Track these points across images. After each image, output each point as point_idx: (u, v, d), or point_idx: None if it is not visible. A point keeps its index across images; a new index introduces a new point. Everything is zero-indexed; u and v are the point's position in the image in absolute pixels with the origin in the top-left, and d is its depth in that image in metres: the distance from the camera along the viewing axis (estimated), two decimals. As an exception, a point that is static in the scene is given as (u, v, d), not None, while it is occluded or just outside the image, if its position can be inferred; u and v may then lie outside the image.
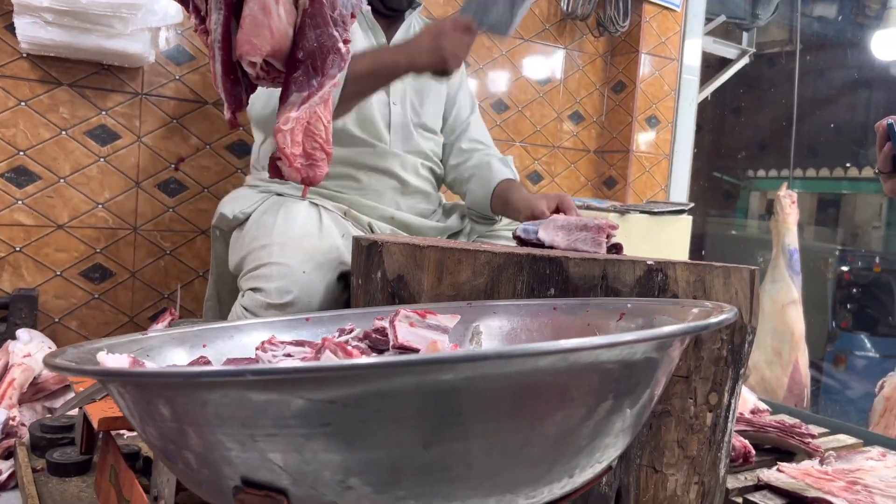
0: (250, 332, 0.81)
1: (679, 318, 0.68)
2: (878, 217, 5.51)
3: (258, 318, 1.31)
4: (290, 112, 0.74)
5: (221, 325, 0.81)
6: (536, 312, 0.84)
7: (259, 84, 0.79)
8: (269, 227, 1.40)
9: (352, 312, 0.89)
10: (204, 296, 1.91)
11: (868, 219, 5.53)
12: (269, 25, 0.72)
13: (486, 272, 1.05)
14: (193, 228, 1.89)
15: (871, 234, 5.49)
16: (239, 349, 0.78)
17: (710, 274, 1.03)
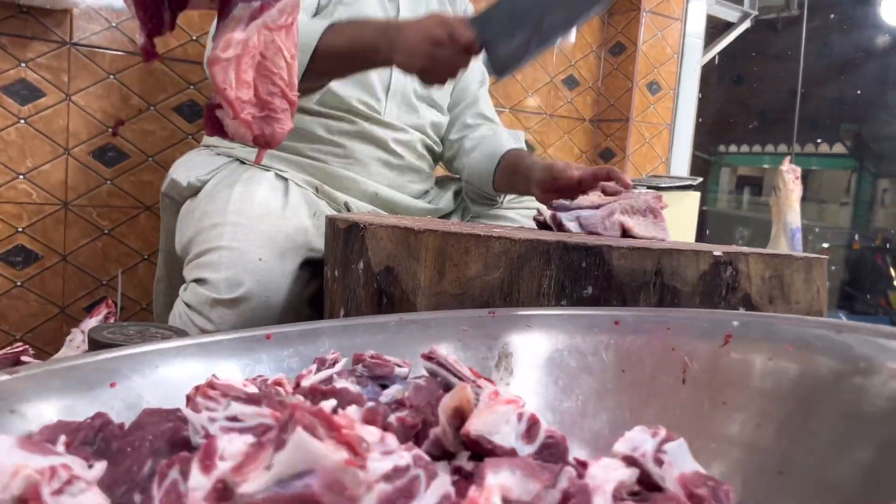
0: (183, 360, 0.56)
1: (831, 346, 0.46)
2: (846, 193, 5.42)
3: (203, 317, 1.05)
4: (232, 32, 0.49)
5: (141, 349, 0.56)
6: (590, 327, 0.60)
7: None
8: (222, 202, 1.14)
9: (329, 325, 0.64)
10: (149, 282, 1.65)
11: (836, 195, 5.44)
12: None
13: (503, 265, 0.82)
14: (136, 204, 1.62)
15: (840, 211, 5.41)
16: (163, 390, 0.53)
17: (788, 268, 0.80)
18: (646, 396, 0.54)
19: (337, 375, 0.51)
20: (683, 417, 0.51)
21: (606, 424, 0.55)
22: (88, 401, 0.49)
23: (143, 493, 0.38)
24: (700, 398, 0.51)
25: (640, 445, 0.45)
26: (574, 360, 0.59)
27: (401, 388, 0.50)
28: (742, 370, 0.50)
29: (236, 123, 0.55)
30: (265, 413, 0.39)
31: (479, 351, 0.63)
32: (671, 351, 0.55)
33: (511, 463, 0.41)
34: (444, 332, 0.64)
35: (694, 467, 0.44)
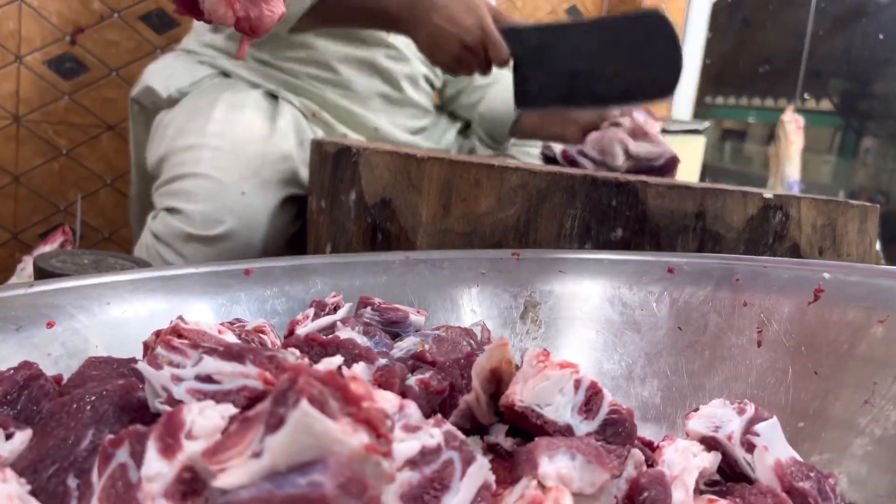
0: (143, 297, 0.46)
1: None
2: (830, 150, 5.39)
3: (174, 252, 0.93)
4: None
5: (89, 281, 0.45)
6: (638, 275, 0.51)
7: None
8: (201, 121, 1.01)
9: (321, 262, 0.54)
10: (112, 209, 1.52)
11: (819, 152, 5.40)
12: None
13: (520, 200, 0.71)
14: (97, 122, 1.47)
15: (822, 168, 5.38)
16: (116, 334, 0.42)
17: (843, 216, 0.71)
18: (709, 360, 0.45)
19: (340, 323, 0.40)
20: (759, 388, 0.42)
21: (658, 392, 0.46)
22: (16, 345, 0.38)
23: (80, 476, 0.28)
24: (782, 365, 0.42)
25: (723, 424, 0.36)
26: (618, 314, 0.50)
27: (419, 341, 0.40)
28: (840, 333, 0.40)
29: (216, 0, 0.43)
30: (250, 373, 0.29)
31: (502, 299, 0.53)
32: (743, 307, 0.45)
33: (569, 445, 0.32)
34: (459, 276, 0.54)
35: (790, 454, 0.35)
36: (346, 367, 0.36)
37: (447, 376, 0.36)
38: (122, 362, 0.36)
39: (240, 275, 0.51)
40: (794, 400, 0.40)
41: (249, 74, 1.12)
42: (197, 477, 0.25)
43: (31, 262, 1.26)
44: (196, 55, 1.16)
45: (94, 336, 0.42)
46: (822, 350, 0.40)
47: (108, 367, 0.35)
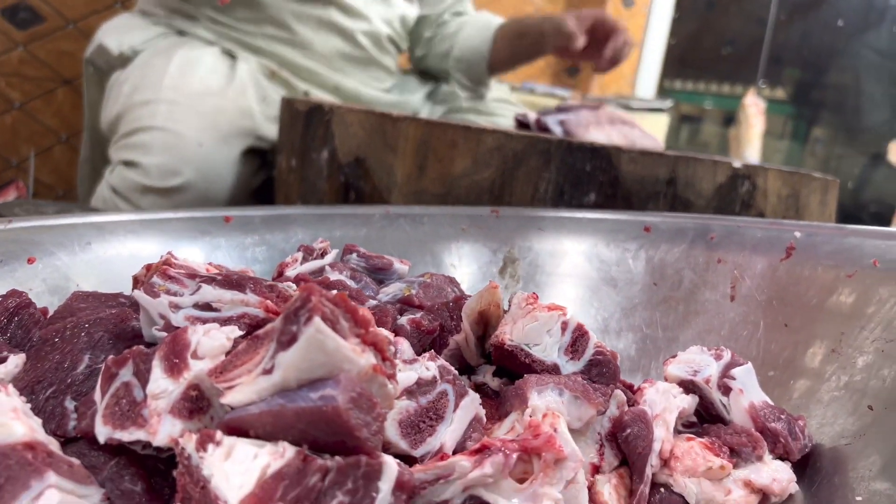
0: (123, 238, 0.45)
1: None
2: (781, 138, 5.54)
3: (131, 205, 0.92)
4: None
5: (71, 220, 0.44)
6: (615, 232, 0.52)
7: None
8: (156, 76, 0.99)
9: (300, 212, 0.54)
10: (67, 166, 1.47)
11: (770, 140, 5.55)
12: None
13: (495, 163, 0.72)
14: (52, 76, 1.42)
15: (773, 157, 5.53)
16: (98, 273, 0.42)
17: (806, 187, 0.74)
18: (683, 315, 0.47)
19: (329, 267, 0.40)
20: (732, 340, 0.44)
21: (633, 345, 0.47)
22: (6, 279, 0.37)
23: (77, 398, 0.28)
24: (754, 319, 0.43)
25: (701, 369, 0.37)
26: (595, 270, 0.51)
27: (405, 286, 0.41)
28: (809, 288, 0.42)
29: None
30: (251, 300, 0.29)
31: (482, 254, 0.53)
32: (717, 263, 0.47)
33: (557, 381, 0.33)
34: (440, 231, 0.54)
35: (763, 397, 0.37)
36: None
37: (437, 317, 0.37)
38: (109, 297, 0.36)
39: (220, 221, 0.50)
40: (765, 351, 0.42)
41: (205, 33, 1.10)
42: (203, 395, 0.25)
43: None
44: (151, 16, 1.13)
45: (74, 274, 0.41)
46: (793, 304, 0.42)
47: (96, 301, 0.35)
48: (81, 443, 0.26)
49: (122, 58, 1.08)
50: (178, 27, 1.11)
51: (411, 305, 0.39)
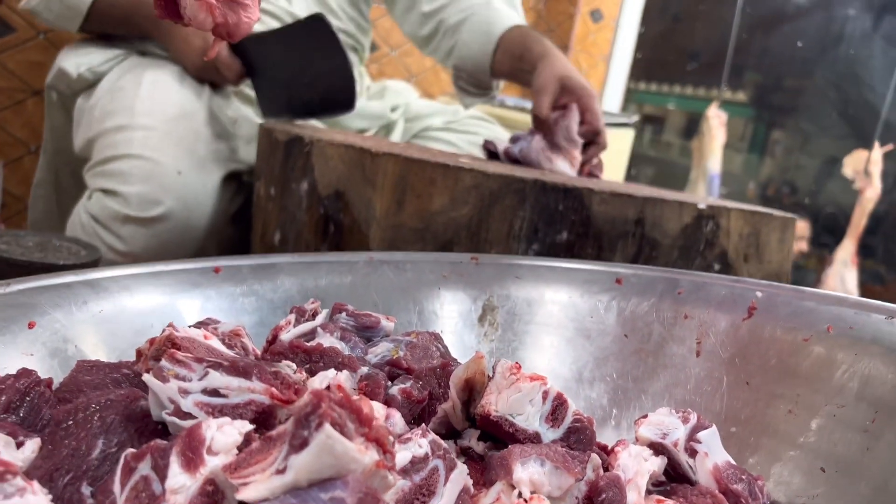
0: (117, 295, 0.46)
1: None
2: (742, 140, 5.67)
3: (112, 233, 0.92)
4: None
5: (64, 279, 0.45)
6: (588, 283, 0.55)
7: None
8: (127, 100, 0.99)
9: (287, 261, 0.55)
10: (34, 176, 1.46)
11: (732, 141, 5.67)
12: None
13: (472, 200, 0.74)
14: (22, 86, 1.40)
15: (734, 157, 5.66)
16: (105, 331, 0.43)
17: (766, 226, 0.78)
18: (652, 367, 0.50)
19: (320, 329, 0.42)
20: (697, 395, 0.47)
21: (605, 394, 0.50)
22: (9, 347, 0.38)
23: (93, 483, 0.29)
24: (718, 375, 0.47)
25: (670, 431, 0.40)
26: (570, 320, 0.54)
27: (392, 347, 0.43)
28: (769, 348, 0.45)
29: (197, 6, 0.44)
30: (256, 388, 0.31)
31: (462, 302, 0.56)
32: (684, 318, 0.50)
33: (539, 452, 0.35)
34: (422, 278, 0.56)
35: (726, 458, 0.40)
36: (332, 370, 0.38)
37: (426, 385, 0.39)
38: (112, 367, 0.37)
39: (209, 272, 0.52)
40: (727, 407, 0.45)
41: (164, 52, 1.10)
42: (218, 489, 0.27)
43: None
44: (110, 38, 1.13)
45: (73, 335, 0.42)
46: (754, 363, 0.45)
47: (101, 373, 0.36)
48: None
49: (81, 80, 1.08)
50: (139, 48, 1.11)
51: (400, 368, 0.42)
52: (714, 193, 2.41)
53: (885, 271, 3.78)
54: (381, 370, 0.41)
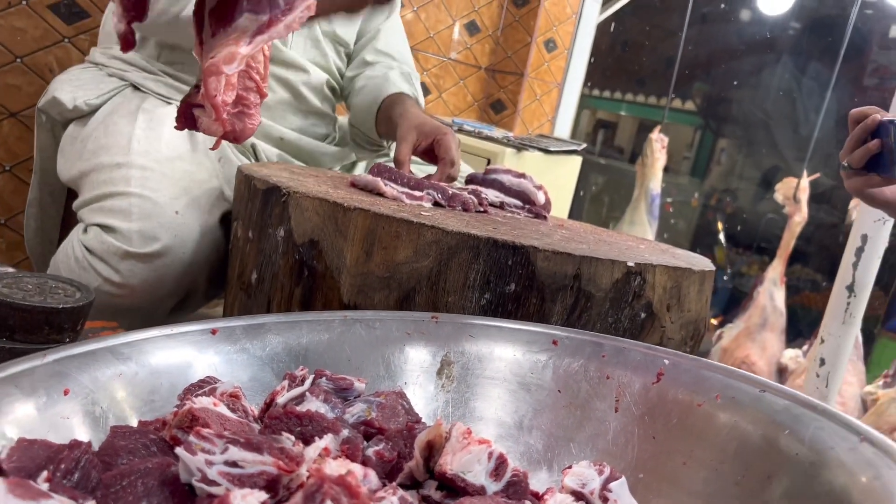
0: (135, 357, 0.55)
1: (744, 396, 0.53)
2: (690, 148, 5.90)
3: (110, 267, 0.99)
4: (236, 45, 0.46)
5: (88, 347, 0.53)
6: (530, 343, 0.65)
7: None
8: (123, 137, 1.06)
9: (273, 321, 0.64)
10: (11, 196, 1.50)
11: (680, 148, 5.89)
12: None
13: (433, 254, 0.84)
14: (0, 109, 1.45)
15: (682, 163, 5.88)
16: (126, 391, 0.52)
17: (687, 280, 0.89)
18: (579, 419, 0.60)
19: (308, 393, 0.52)
20: (614, 445, 0.57)
21: (540, 440, 0.60)
22: (49, 412, 0.47)
23: (139, 539, 0.38)
24: (631, 428, 0.57)
25: (588, 482, 0.51)
26: (513, 375, 0.64)
27: (366, 407, 0.52)
28: (672, 409, 0.56)
29: (214, 123, 0.52)
30: (267, 461, 0.40)
31: (423, 357, 0.65)
32: (606, 379, 0.60)
33: (483, 503, 0.45)
34: (389, 335, 0.66)
35: (632, 502, 0.50)
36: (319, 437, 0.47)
37: (395, 446, 0.49)
38: (140, 432, 0.46)
39: (208, 334, 0.60)
40: (637, 457, 0.56)
41: (158, 87, 1.16)
42: (243, 545, 0.36)
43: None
44: (104, 67, 1.19)
45: (97, 397, 0.51)
46: (659, 420, 0.56)
47: (132, 438, 0.45)
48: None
49: (77, 111, 1.14)
50: (132, 80, 1.17)
51: (372, 427, 0.51)
52: (654, 213, 2.55)
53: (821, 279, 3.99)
54: (357, 430, 0.51)
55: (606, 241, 1.05)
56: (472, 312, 0.84)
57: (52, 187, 1.24)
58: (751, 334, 2.43)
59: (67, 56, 1.46)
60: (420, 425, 0.51)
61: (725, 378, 0.55)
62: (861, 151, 0.99)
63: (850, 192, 1.06)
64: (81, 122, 1.13)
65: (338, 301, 0.87)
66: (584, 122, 5.61)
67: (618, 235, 1.19)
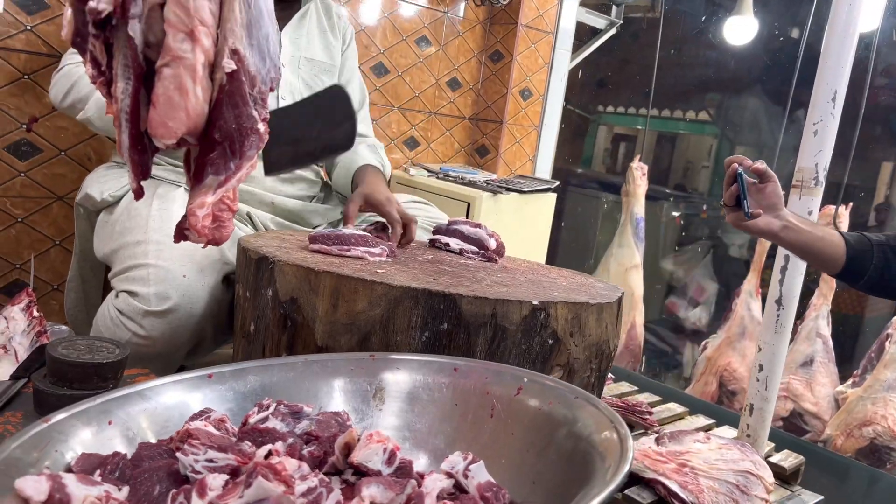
0: (155, 397, 0.81)
1: (568, 412, 0.76)
2: (708, 157, 6.06)
3: (136, 324, 1.26)
4: (205, 196, 0.72)
5: (123, 392, 0.79)
6: (438, 371, 0.89)
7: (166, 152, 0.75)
8: (142, 219, 1.34)
9: (253, 365, 0.89)
10: (60, 265, 1.80)
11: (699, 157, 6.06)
12: (186, 107, 0.69)
13: (383, 304, 1.09)
14: (48, 195, 1.75)
15: (701, 173, 6.04)
16: (149, 420, 0.77)
17: (585, 311, 1.13)
18: (470, 424, 0.84)
19: (271, 416, 0.77)
20: (489, 441, 0.81)
21: (443, 441, 0.85)
22: (100, 436, 0.72)
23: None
24: (500, 429, 0.81)
25: (455, 465, 0.74)
26: (425, 395, 0.88)
27: (309, 423, 0.77)
28: (525, 412, 0.80)
29: (198, 238, 0.78)
30: (230, 458, 0.65)
31: (362, 385, 0.90)
32: (486, 394, 0.85)
33: (377, 480, 0.70)
34: (339, 371, 0.91)
35: (487, 478, 0.74)
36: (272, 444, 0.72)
37: (322, 447, 0.73)
38: (156, 447, 0.71)
39: (206, 378, 0.86)
40: (501, 447, 0.79)
41: (168, 175, 1.45)
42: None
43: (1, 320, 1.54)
44: (124, 165, 1.48)
45: (131, 426, 0.76)
46: (518, 421, 0.80)
47: (152, 450, 0.70)
48: (160, 526, 0.62)
49: (104, 202, 1.42)
50: None
51: (311, 436, 0.76)
52: (640, 235, 2.76)
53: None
54: (301, 438, 0.75)
55: (534, 279, 1.29)
56: (416, 348, 1.08)
57: (92, 263, 1.53)
58: (731, 343, 2.62)
59: (101, 146, 1.76)
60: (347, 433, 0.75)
61: (562, 390, 0.79)
62: (728, 194, 1.23)
63: (730, 224, 1.29)
64: (109, 210, 1.42)
65: (314, 344, 1.12)
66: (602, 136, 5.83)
67: (553, 272, 1.43)
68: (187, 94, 0.69)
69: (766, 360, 1.69)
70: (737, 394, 2.53)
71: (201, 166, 0.72)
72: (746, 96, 5.04)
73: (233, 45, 0.70)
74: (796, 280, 1.66)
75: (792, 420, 2.42)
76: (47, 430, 0.69)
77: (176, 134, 0.69)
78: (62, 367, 1.01)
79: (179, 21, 0.68)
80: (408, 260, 1.32)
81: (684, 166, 6.01)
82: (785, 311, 1.67)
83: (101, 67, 0.73)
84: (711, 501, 1.45)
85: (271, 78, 0.74)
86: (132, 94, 0.70)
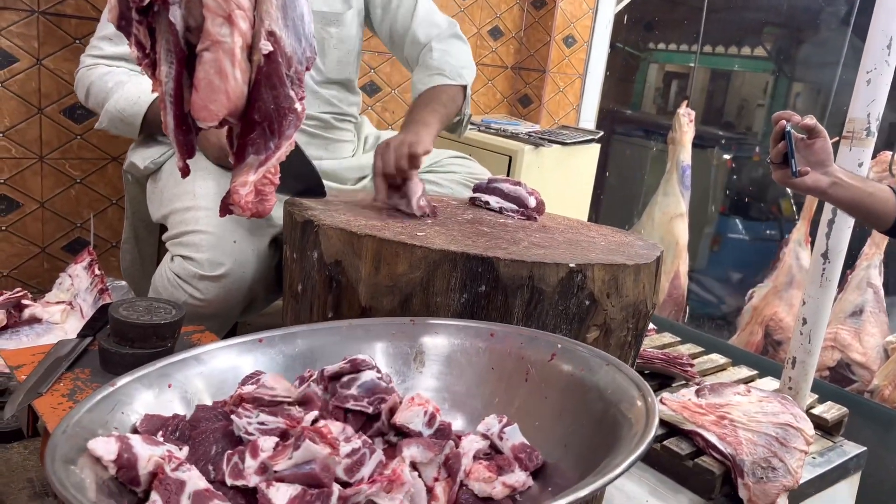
0: (210, 360, 0.86)
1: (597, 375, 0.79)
2: (764, 94, 5.85)
3: (192, 286, 1.33)
4: (247, 175, 0.76)
5: (181, 356, 0.85)
6: (475, 336, 0.92)
7: (213, 132, 0.79)
8: (189, 187, 1.39)
9: (301, 329, 0.94)
10: (118, 223, 1.88)
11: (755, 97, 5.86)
12: (226, 90, 0.72)
13: (423, 267, 1.12)
14: (104, 156, 1.82)
15: (756, 112, 5.85)
16: (204, 383, 0.83)
17: (622, 272, 1.14)
18: (504, 387, 0.88)
19: (313, 383, 0.81)
20: (523, 404, 0.85)
21: (480, 402, 0.88)
22: (160, 398, 0.78)
23: (213, 467, 0.69)
24: (534, 393, 0.84)
25: (491, 427, 0.78)
26: (463, 358, 0.92)
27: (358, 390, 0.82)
28: (560, 378, 0.83)
29: (242, 211, 0.82)
30: (280, 421, 0.70)
31: (403, 349, 0.94)
32: (521, 359, 0.88)
33: (417, 441, 0.74)
34: (380, 335, 0.95)
35: (521, 440, 0.78)
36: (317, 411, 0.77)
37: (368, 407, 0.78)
38: (212, 409, 0.77)
39: (257, 342, 0.91)
40: (535, 410, 0.83)
41: None
42: (265, 467, 0.66)
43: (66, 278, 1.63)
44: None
45: (188, 389, 0.82)
46: (552, 385, 0.83)
47: (209, 412, 0.76)
48: (216, 484, 0.67)
49: (147, 169, 1.48)
50: None
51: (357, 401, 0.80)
52: (686, 183, 2.72)
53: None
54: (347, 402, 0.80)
55: (572, 239, 1.30)
56: (455, 309, 1.12)
57: (146, 223, 1.60)
58: (778, 293, 2.60)
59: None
60: (391, 396, 0.79)
61: (592, 357, 0.82)
62: (774, 151, 1.21)
63: (777, 181, 1.27)
64: (154, 177, 1.48)
65: (358, 305, 1.17)
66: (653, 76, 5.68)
67: (592, 230, 1.44)
68: (227, 77, 0.71)
69: (810, 313, 1.68)
70: (782, 343, 2.52)
71: (242, 146, 0.76)
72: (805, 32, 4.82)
73: (269, 26, 0.72)
74: (843, 233, 1.63)
75: (839, 370, 2.41)
76: (114, 393, 0.75)
77: (217, 116, 0.72)
78: (124, 328, 1.07)
79: (217, 6, 0.70)
80: (448, 220, 1.34)
81: (739, 104, 5.83)
82: (831, 265, 1.65)
83: (145, 50, 0.76)
84: (750, 453, 1.48)
85: (307, 57, 0.76)
86: (175, 78, 0.73)
